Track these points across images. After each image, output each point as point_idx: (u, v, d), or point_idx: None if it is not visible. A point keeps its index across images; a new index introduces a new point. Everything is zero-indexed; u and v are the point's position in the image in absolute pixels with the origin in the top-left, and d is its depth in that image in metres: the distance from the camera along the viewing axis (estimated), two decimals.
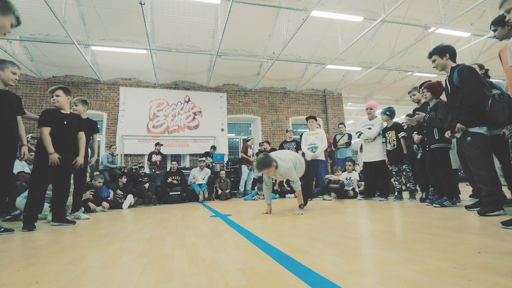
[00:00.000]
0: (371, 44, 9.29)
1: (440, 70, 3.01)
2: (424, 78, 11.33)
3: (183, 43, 8.54)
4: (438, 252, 1.30)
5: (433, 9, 7.81)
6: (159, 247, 1.76)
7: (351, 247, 1.51)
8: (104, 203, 5.16)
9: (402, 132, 4.56)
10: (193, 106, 10.45)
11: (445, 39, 8.70)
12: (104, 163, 7.35)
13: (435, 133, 3.47)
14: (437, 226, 2.01)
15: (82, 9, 7.00)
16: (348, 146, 6.98)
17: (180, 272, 1.21)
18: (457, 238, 1.58)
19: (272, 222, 2.65)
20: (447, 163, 3.42)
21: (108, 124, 9.50)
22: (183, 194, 6.94)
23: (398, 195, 4.68)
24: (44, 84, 9.19)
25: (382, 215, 2.84)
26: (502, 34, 2.71)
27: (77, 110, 3.88)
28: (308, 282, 1.01)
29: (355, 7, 7.53)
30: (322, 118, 11.97)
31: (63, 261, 1.50)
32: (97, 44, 8.07)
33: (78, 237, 2.28)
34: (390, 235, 1.82)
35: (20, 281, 1.18)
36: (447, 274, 1.00)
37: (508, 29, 2.66)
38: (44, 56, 8.36)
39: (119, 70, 9.59)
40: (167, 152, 9.64)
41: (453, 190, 3.40)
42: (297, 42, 8.58)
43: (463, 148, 2.73)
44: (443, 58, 2.93)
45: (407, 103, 13.45)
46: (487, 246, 1.38)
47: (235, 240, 1.89)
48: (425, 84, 3.66)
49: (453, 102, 2.83)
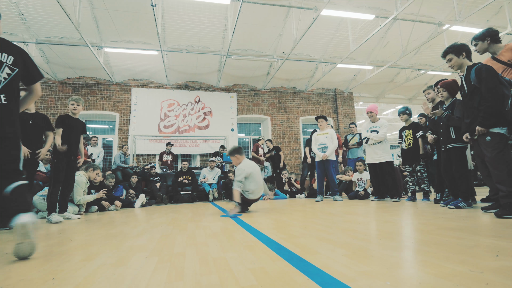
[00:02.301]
0: (382, 42, 9.13)
1: (456, 69, 2.93)
2: (437, 77, 11.08)
3: (194, 44, 8.61)
4: (453, 255, 1.27)
5: (447, 6, 7.61)
6: (170, 246, 1.78)
7: (362, 248, 1.49)
8: (116, 201, 5.26)
9: (420, 132, 4.46)
10: (204, 106, 10.53)
11: (460, 36, 8.47)
12: (117, 162, 7.49)
13: (451, 133, 3.38)
14: (452, 228, 1.96)
15: (95, 11, 7.14)
16: (359, 146, 6.89)
17: (191, 271, 1.22)
18: (473, 241, 1.54)
19: (282, 222, 2.64)
20: (463, 163, 3.33)
21: (120, 125, 9.67)
22: (194, 194, 7.00)
23: (411, 196, 4.59)
24: (59, 85, 9.42)
25: (395, 216, 2.79)
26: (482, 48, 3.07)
27: (78, 110, 3.92)
28: (319, 283, 1.00)
29: (366, 5, 7.42)
30: (333, 118, 11.85)
31: (77, 258, 1.53)
32: (110, 45, 8.23)
33: (91, 235, 2.33)
34: (403, 236, 1.79)
35: (37, 277, 1.22)
36: (463, 278, 0.97)
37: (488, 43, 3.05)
38: (59, 58, 8.58)
39: (131, 71, 9.75)
40: (178, 152, 9.74)
41: (469, 191, 3.31)
42: (307, 41, 8.52)
43: (482, 148, 2.65)
44: (459, 57, 2.86)
45: (420, 102, 13.17)
46: (506, 249, 1.33)
47: (246, 240, 1.89)
48: (441, 83, 3.57)
49: (470, 102, 2.75)
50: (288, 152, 10.96)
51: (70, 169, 3.80)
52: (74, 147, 3.85)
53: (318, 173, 5.66)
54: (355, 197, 5.71)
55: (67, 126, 3.75)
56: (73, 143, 3.82)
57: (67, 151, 3.69)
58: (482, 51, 3.11)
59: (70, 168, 3.80)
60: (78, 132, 3.91)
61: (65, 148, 3.60)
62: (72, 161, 3.83)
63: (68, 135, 3.75)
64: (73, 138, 3.81)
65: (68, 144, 3.69)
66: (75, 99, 3.84)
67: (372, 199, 5.13)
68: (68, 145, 3.68)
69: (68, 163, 3.76)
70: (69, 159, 3.78)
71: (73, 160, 3.85)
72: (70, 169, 3.81)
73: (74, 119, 3.86)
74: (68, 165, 3.77)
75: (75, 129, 3.84)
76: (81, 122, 3.97)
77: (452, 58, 2.89)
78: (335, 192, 5.50)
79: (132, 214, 4.37)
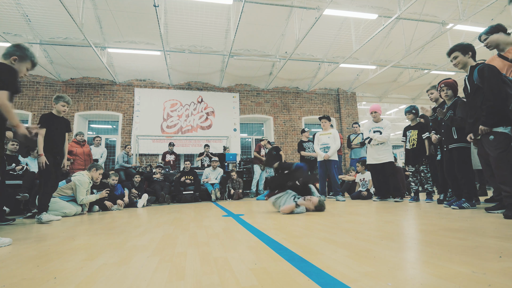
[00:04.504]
0: (386, 42, 9.09)
1: (460, 68, 2.91)
2: (441, 76, 11.01)
3: (196, 44, 8.63)
4: (456, 256, 1.26)
5: (451, 5, 7.55)
6: (172, 245, 1.78)
7: (364, 248, 1.48)
8: (119, 201, 5.28)
9: (426, 133, 4.41)
10: (206, 107, 10.55)
11: (464, 35, 8.41)
12: (120, 162, 7.52)
13: (453, 133, 3.36)
14: (455, 229, 1.94)
15: (99, 12, 7.18)
16: (362, 146, 6.86)
17: (192, 271, 1.22)
18: (476, 242, 1.53)
19: (284, 222, 2.64)
20: (466, 163, 3.30)
21: (123, 125, 9.72)
22: (196, 194, 7.01)
23: (414, 196, 4.56)
24: (63, 86, 9.49)
25: (397, 216, 2.78)
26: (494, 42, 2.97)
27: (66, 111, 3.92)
28: (320, 283, 0.99)
29: (369, 5, 7.39)
30: (336, 118, 11.82)
31: (79, 257, 1.54)
32: (113, 46, 8.28)
33: (94, 235, 2.34)
34: (405, 237, 1.78)
35: (39, 276, 1.22)
36: (466, 279, 0.96)
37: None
38: (63, 58, 8.64)
39: (134, 72, 9.80)
40: (180, 152, 9.77)
41: (472, 191, 3.29)
42: (310, 41, 8.50)
43: (485, 147, 2.63)
44: (465, 56, 2.84)
45: (423, 102, 13.10)
46: (509, 250, 1.32)
47: (247, 240, 1.89)
48: (445, 82, 3.54)
49: (473, 102, 2.74)
50: (290, 152, 10.95)
51: (55, 168, 3.73)
52: (60, 147, 3.78)
53: (320, 173, 5.65)
54: (358, 197, 5.69)
55: (51, 126, 3.65)
56: (59, 142, 3.75)
57: (53, 150, 3.63)
58: (493, 46, 3.02)
59: (55, 168, 3.73)
60: (63, 130, 3.83)
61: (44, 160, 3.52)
62: (58, 160, 3.77)
63: (53, 134, 3.66)
64: (57, 137, 3.74)
65: (52, 144, 3.63)
66: (68, 101, 3.80)
67: (375, 200, 5.11)
68: (53, 145, 3.63)
69: (54, 162, 3.67)
70: (55, 159, 3.70)
71: (59, 160, 3.79)
72: (55, 169, 3.73)
73: (58, 117, 3.78)
74: (54, 165, 3.69)
75: (59, 128, 3.77)
76: (65, 120, 3.89)
77: (458, 56, 2.86)
78: (337, 192, 5.49)
79: (135, 213, 4.39)
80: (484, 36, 3.06)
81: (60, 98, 3.78)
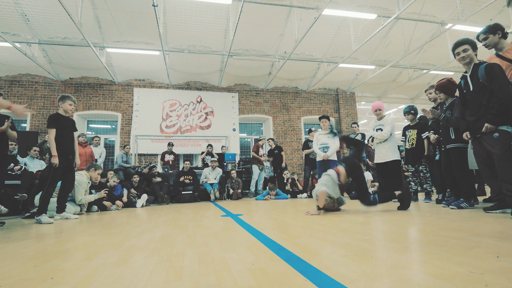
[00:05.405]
0: (385, 42, 9.10)
1: (465, 62, 2.82)
2: (440, 76, 11.03)
3: (195, 44, 8.62)
4: (453, 256, 1.26)
5: (450, 5, 7.57)
6: (170, 245, 1.78)
7: (363, 249, 1.48)
8: (117, 201, 5.27)
9: (426, 133, 4.40)
10: (205, 106, 10.54)
11: (463, 35, 8.41)
12: (119, 162, 7.51)
13: (451, 133, 3.36)
14: (453, 229, 1.94)
15: (98, 12, 7.17)
16: None
17: (190, 271, 1.22)
18: (474, 241, 1.53)
19: (283, 223, 2.64)
20: (463, 163, 3.31)
21: (122, 125, 9.70)
22: (195, 194, 7.01)
23: (413, 196, 4.56)
24: (62, 85, 9.47)
25: (396, 216, 2.78)
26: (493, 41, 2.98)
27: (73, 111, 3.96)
28: (317, 284, 0.99)
29: (368, 5, 7.39)
30: (335, 118, 11.83)
31: (77, 258, 1.54)
32: (112, 46, 8.26)
33: (92, 235, 2.34)
34: (403, 237, 1.78)
35: (36, 276, 1.22)
36: (463, 279, 0.96)
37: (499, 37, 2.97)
38: (62, 58, 8.62)
39: (133, 71, 9.78)
40: (179, 152, 9.77)
41: (471, 191, 3.29)
42: (309, 41, 8.51)
43: (488, 145, 2.62)
44: (474, 51, 2.82)
45: (422, 102, 13.12)
46: (506, 250, 1.32)
47: (246, 240, 1.89)
48: (435, 85, 3.55)
49: (477, 101, 2.71)
50: (289, 152, 10.95)
51: (68, 168, 3.75)
52: (71, 146, 3.80)
53: (320, 173, 5.64)
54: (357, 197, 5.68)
55: (60, 126, 3.68)
56: (69, 141, 3.77)
57: (64, 150, 3.65)
58: (492, 45, 2.99)
59: (68, 168, 3.75)
60: (71, 130, 3.86)
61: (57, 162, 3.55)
62: (70, 160, 3.78)
63: (63, 134, 3.69)
64: (67, 137, 3.76)
65: (63, 143, 3.65)
66: (74, 100, 3.83)
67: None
68: (63, 144, 3.65)
69: (65, 162, 3.69)
70: (67, 158, 3.72)
71: (71, 159, 3.80)
72: (68, 169, 3.75)
73: (65, 117, 3.81)
74: (66, 165, 3.72)
75: (68, 128, 3.79)
76: (71, 120, 3.93)
77: (469, 49, 2.79)
78: None
79: (134, 214, 4.38)
80: (482, 36, 3.05)
81: (67, 97, 3.80)
